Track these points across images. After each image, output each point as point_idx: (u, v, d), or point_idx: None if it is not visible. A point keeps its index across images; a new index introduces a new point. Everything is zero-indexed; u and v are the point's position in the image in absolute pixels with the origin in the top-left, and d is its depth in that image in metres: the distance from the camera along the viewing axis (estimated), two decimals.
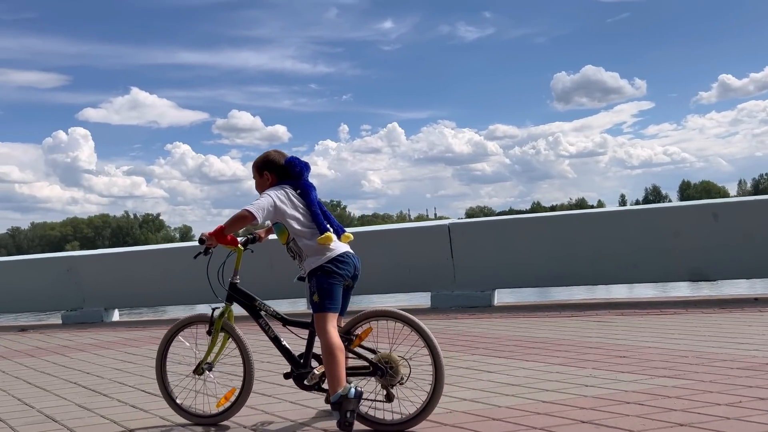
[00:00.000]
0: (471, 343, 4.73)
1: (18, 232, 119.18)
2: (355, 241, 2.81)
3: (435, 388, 2.65)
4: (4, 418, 3.32)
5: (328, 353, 2.68)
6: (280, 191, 2.82)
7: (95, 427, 3.06)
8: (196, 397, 3.07)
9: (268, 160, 2.93)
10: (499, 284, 7.15)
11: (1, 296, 9.43)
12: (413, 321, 2.71)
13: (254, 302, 2.94)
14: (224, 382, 3.16)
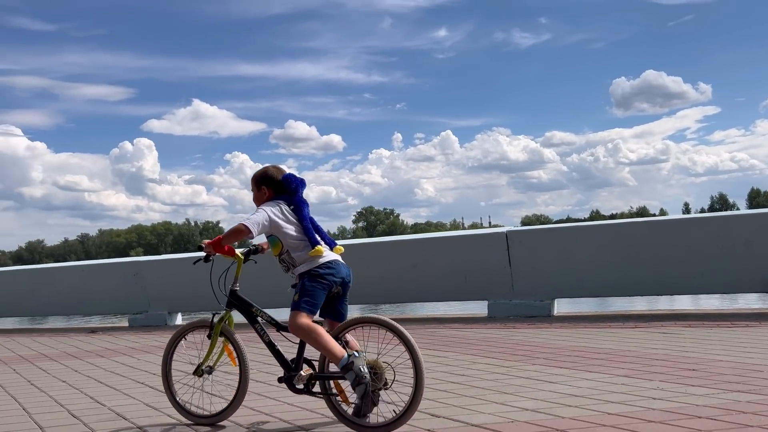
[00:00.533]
0: (531, 353, 4.65)
1: (87, 239, 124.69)
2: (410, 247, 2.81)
3: (415, 394, 2.74)
4: (78, 415, 3.47)
5: (309, 335, 2.82)
6: (275, 207, 2.99)
7: (163, 426, 3.16)
8: (196, 397, 3.22)
9: (267, 175, 3.10)
10: (559, 293, 7.00)
11: (73, 299, 9.89)
12: (396, 327, 2.82)
13: (251, 308, 3.08)
14: (227, 382, 3.26)
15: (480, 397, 3.34)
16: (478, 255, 7.27)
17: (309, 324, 2.85)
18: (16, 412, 3.63)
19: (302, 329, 2.84)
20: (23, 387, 4.42)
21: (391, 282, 7.75)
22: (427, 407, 3.18)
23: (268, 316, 3.04)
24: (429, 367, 4.25)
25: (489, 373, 3.97)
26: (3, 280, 10.86)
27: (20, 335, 8.53)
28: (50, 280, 10.20)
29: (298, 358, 2.94)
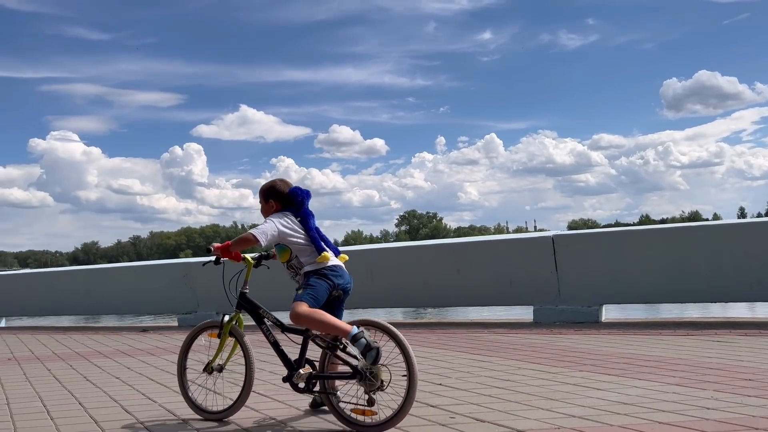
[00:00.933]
0: (578, 359, 4.57)
1: (138, 241, 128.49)
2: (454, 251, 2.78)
3: (408, 395, 2.82)
4: (130, 411, 3.58)
5: (311, 319, 2.95)
6: (283, 218, 3.15)
7: (209, 423, 3.23)
8: (207, 393, 3.34)
9: (274, 189, 3.24)
10: (607, 299, 6.85)
11: (125, 299, 10.21)
12: (392, 330, 2.90)
13: (259, 310, 3.23)
14: (235, 381, 3.35)
15: (526, 403, 3.30)
16: (524, 259, 7.18)
17: (309, 310, 2.97)
18: (72, 406, 3.77)
19: (303, 316, 2.96)
20: (79, 382, 4.59)
21: (435, 286, 7.73)
22: (471, 411, 3.17)
23: (275, 317, 3.18)
24: (473, 372, 4.23)
25: (534, 378, 3.92)
26: (61, 280, 11.30)
27: (76, 333, 8.86)
28: (104, 280, 10.56)
29: (300, 358, 3.05)
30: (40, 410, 3.67)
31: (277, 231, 3.08)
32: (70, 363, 5.68)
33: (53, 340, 7.90)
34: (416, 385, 2.84)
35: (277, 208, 3.21)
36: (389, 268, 8.04)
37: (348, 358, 2.94)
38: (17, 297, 11.30)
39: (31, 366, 5.58)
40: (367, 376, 2.85)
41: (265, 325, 3.20)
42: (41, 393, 4.21)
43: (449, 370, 4.31)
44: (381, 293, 8.14)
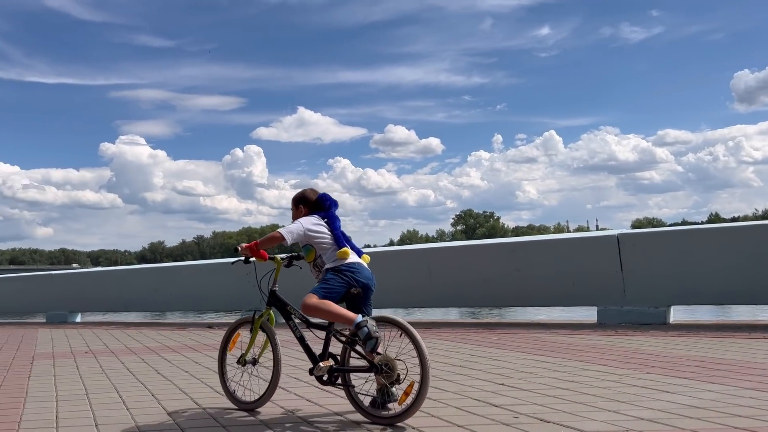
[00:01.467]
0: (645, 361, 4.43)
1: (202, 240, 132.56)
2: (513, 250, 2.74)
3: (421, 388, 2.91)
4: (200, 403, 3.71)
5: (319, 309, 3.11)
6: (312, 218, 3.35)
7: (278, 417, 3.31)
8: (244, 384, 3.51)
9: (304, 197, 3.48)
10: (675, 300, 6.63)
11: (191, 296, 10.56)
12: (406, 327, 3.00)
13: (287, 307, 3.40)
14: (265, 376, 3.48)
15: (591, 405, 3.23)
16: (587, 259, 7.02)
17: (317, 300, 3.13)
18: (145, 397, 3.94)
19: (311, 306, 3.13)
20: (151, 375, 4.79)
21: (494, 286, 7.66)
22: (535, 412, 3.13)
23: (301, 314, 3.31)
24: (536, 372, 4.17)
25: (600, 380, 3.83)
26: (132, 278, 11.80)
27: (146, 328, 9.23)
28: (172, 278, 10.96)
29: (323, 352, 3.20)
30: (117, 401, 3.85)
31: (303, 231, 3.27)
32: (141, 357, 5.93)
33: (125, 334, 8.26)
34: (429, 379, 2.93)
35: (305, 212, 3.42)
36: (447, 268, 8.02)
37: (365, 357, 3.04)
38: (91, 294, 11.87)
39: (106, 359, 5.86)
40: (383, 370, 2.96)
41: (292, 321, 3.38)
42: (116, 384, 4.41)
43: (511, 371, 4.27)
44: (439, 292, 8.12)
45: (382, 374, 2.97)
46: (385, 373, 2.96)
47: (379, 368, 2.97)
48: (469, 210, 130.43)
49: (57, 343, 7.60)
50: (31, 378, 4.84)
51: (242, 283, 9.62)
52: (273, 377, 3.38)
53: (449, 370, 4.41)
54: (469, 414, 3.15)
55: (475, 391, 3.65)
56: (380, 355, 3.00)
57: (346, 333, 3.13)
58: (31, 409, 3.64)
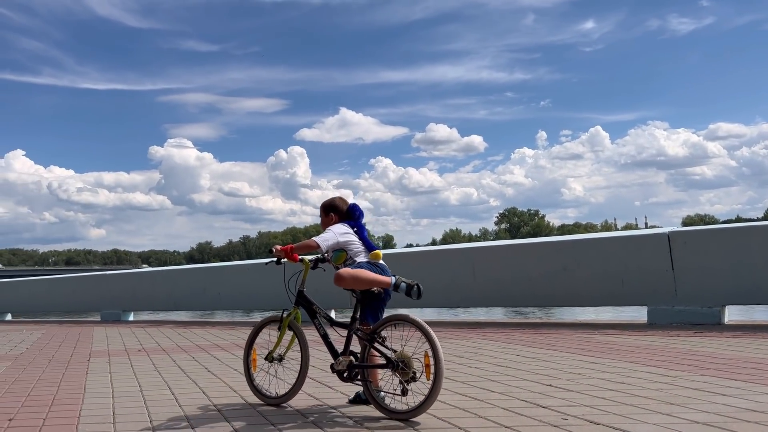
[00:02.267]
0: (698, 363, 4.31)
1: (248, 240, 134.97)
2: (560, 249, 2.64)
3: (434, 386, 3.00)
4: (249, 400, 3.78)
5: (354, 277, 3.27)
6: (343, 226, 3.52)
7: (323, 413, 3.35)
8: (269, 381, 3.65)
9: (334, 204, 3.66)
10: (730, 300, 6.41)
11: (238, 296, 10.77)
12: (421, 324, 3.09)
13: (313, 306, 3.57)
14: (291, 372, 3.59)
15: (643, 407, 3.16)
16: (637, 257, 6.85)
17: (350, 270, 3.30)
18: (196, 394, 4.04)
19: (344, 276, 3.28)
20: (202, 374, 4.90)
21: (540, 285, 7.55)
22: (584, 413, 3.08)
23: (326, 313, 3.52)
24: (584, 373, 4.10)
25: (651, 382, 3.74)
26: (182, 278, 12.10)
27: (195, 327, 9.46)
28: (220, 277, 11.19)
29: (345, 349, 3.33)
30: (169, 398, 3.96)
31: (336, 240, 3.44)
32: (192, 355, 6.08)
33: (176, 333, 8.48)
34: (441, 380, 3.00)
35: (335, 220, 3.58)
36: (492, 267, 7.95)
37: (384, 350, 3.17)
38: (143, 293, 12.23)
39: (158, 357, 6.03)
40: (400, 366, 3.06)
41: (317, 320, 3.54)
42: (169, 382, 4.54)
43: (559, 371, 4.21)
44: (483, 292, 8.06)
45: (399, 371, 3.08)
46: (402, 370, 3.07)
47: (396, 364, 3.08)
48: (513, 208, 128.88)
49: (111, 341, 7.86)
50: (89, 375, 5.02)
51: None
52: (301, 372, 3.51)
53: (495, 370, 4.38)
54: (516, 415, 3.12)
55: (522, 392, 3.62)
56: (397, 353, 3.13)
57: (366, 332, 3.27)
58: (90, 405, 3.79)
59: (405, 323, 3.17)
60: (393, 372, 3.12)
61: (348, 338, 3.35)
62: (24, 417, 3.51)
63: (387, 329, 3.23)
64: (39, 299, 14.71)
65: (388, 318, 3.24)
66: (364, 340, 3.27)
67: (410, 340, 3.14)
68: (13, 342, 8.28)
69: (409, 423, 3.04)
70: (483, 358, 4.95)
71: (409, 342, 3.14)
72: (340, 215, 3.61)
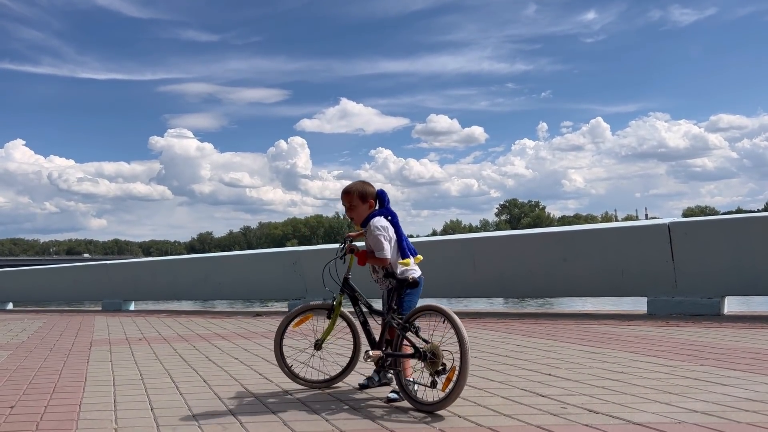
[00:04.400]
0: (698, 353, 4.32)
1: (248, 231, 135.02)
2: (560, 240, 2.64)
3: (459, 376, 2.96)
4: (250, 389, 3.80)
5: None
6: (385, 222, 3.44)
7: (325, 402, 3.37)
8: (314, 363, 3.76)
9: (369, 191, 3.53)
10: (730, 291, 6.42)
11: (240, 285, 10.79)
12: (449, 314, 3.08)
13: (356, 293, 3.59)
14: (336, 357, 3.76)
15: (642, 396, 3.17)
16: (637, 249, 6.86)
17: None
18: (198, 383, 4.06)
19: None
20: (203, 362, 4.92)
21: (540, 276, 7.56)
22: (583, 402, 3.09)
23: (366, 301, 3.57)
24: (584, 363, 4.11)
25: (651, 371, 3.75)
26: (182, 268, 12.12)
27: (196, 316, 9.49)
28: (220, 267, 11.21)
29: (381, 337, 3.39)
30: (170, 386, 3.98)
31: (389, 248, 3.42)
32: (193, 344, 6.10)
33: (177, 322, 8.51)
34: (467, 371, 2.98)
35: (373, 206, 3.51)
36: (492, 258, 7.96)
37: (415, 340, 3.16)
38: (144, 283, 12.26)
39: (159, 346, 6.05)
40: (429, 357, 3.06)
41: (359, 307, 3.57)
42: (170, 370, 4.56)
43: (558, 361, 4.22)
44: (483, 283, 8.07)
45: (428, 362, 3.05)
46: (431, 361, 3.04)
47: (424, 355, 3.06)
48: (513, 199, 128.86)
49: (113, 330, 7.89)
50: (90, 363, 5.04)
51: (288, 273, 9.78)
52: (352, 360, 3.69)
53: (495, 360, 4.39)
54: (516, 404, 3.14)
55: (522, 381, 3.63)
56: (429, 344, 3.09)
57: (401, 321, 3.24)
58: (91, 393, 3.80)
59: (436, 313, 3.14)
60: (422, 362, 3.09)
61: (383, 327, 3.37)
62: (25, 405, 3.53)
63: (420, 320, 3.22)
64: (40, 289, 14.75)
65: (420, 308, 3.23)
66: (397, 329, 3.25)
67: (439, 331, 3.10)
68: (14, 331, 8.31)
69: (433, 416, 2.99)
70: (483, 347, 4.96)
71: (438, 333, 3.11)
72: (377, 201, 3.52)
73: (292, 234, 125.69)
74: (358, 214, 3.51)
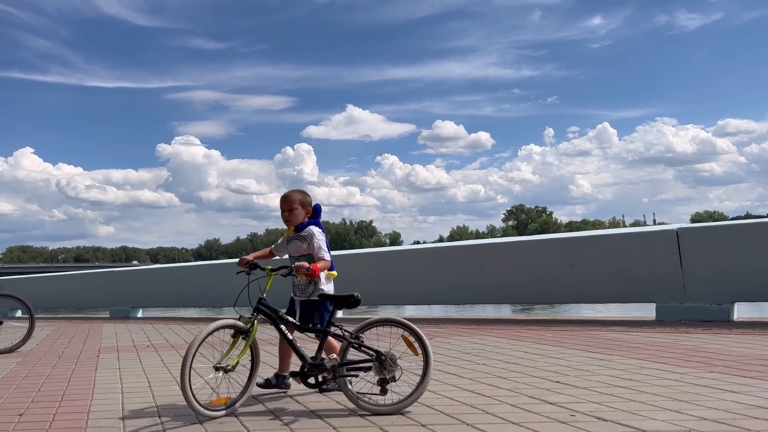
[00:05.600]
0: (707, 359, 4.29)
1: (255, 238, 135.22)
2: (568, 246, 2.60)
3: (421, 381, 3.15)
4: (257, 397, 3.80)
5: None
6: (320, 230, 3.63)
7: (331, 410, 3.36)
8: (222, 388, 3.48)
9: (309, 200, 3.73)
10: (740, 297, 6.38)
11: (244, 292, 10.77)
12: (411, 326, 3.20)
13: (279, 313, 3.51)
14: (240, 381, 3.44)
15: (651, 403, 3.15)
16: (645, 254, 6.83)
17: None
18: (204, 390, 4.05)
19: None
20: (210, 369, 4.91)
21: (548, 282, 7.53)
22: (592, 410, 3.07)
23: (290, 320, 3.51)
24: (592, 370, 4.09)
25: (660, 378, 3.73)
26: (189, 274, 12.15)
27: (203, 323, 9.48)
28: (228, 274, 11.19)
29: (318, 353, 3.35)
30: (177, 393, 3.97)
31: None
32: (200, 351, 6.09)
33: (184, 329, 8.52)
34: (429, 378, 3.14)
35: (308, 215, 3.68)
36: (499, 264, 7.94)
37: (367, 350, 3.24)
38: (151, 290, 12.29)
39: (167, 353, 6.06)
40: (386, 361, 3.15)
41: (281, 326, 3.48)
42: (177, 378, 4.55)
43: (566, 368, 4.20)
44: (490, 289, 8.05)
45: (386, 365, 3.15)
46: (388, 366, 3.15)
47: (384, 359, 3.16)
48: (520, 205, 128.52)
49: (120, 337, 7.90)
50: (98, 370, 5.05)
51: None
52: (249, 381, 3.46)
53: (503, 367, 4.37)
54: (524, 411, 3.12)
55: (530, 389, 3.61)
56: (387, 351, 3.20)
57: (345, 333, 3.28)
58: (99, 400, 3.81)
59: (393, 325, 3.24)
60: (377, 368, 3.17)
61: (321, 342, 3.37)
62: (34, 412, 3.54)
63: (371, 331, 3.28)
64: (49, 296, 14.82)
65: (375, 320, 3.29)
66: (344, 339, 3.29)
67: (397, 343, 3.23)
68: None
69: (411, 417, 3.03)
70: (490, 354, 4.94)
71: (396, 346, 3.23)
72: (313, 212, 3.73)
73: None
74: (295, 218, 3.66)
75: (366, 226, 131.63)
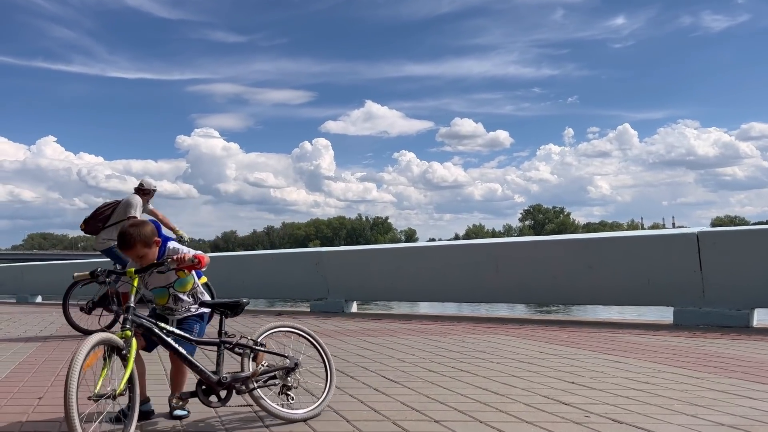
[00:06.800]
0: (725, 365, 4.24)
1: (272, 231, 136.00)
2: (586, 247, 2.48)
3: (328, 389, 3.21)
4: None
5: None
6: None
7: (345, 404, 3.38)
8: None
9: (148, 231, 3.03)
10: (760, 303, 6.29)
11: (262, 284, 10.86)
12: (309, 333, 3.30)
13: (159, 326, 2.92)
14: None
15: (667, 407, 3.12)
16: (664, 258, 6.75)
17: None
18: None
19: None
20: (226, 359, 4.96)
21: (564, 283, 7.49)
22: (607, 412, 3.05)
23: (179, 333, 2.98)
24: (608, 372, 4.06)
25: (676, 383, 3.69)
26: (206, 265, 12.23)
27: None
28: (244, 266, 11.30)
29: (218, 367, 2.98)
30: (193, 381, 4.02)
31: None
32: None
33: None
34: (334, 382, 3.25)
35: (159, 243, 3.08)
36: (515, 263, 7.90)
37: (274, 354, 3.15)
38: None
39: None
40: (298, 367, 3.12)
41: (167, 339, 2.91)
42: None
43: (582, 369, 4.18)
44: (506, 289, 8.02)
45: (295, 372, 3.10)
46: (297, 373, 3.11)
47: (296, 364, 3.11)
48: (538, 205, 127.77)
49: None
50: None
51: (310, 274, 9.82)
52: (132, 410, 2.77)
53: (517, 366, 4.36)
54: (538, 411, 3.11)
55: (545, 389, 3.60)
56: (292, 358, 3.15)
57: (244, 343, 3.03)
58: None
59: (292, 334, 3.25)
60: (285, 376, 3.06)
61: (219, 356, 3.00)
62: (53, 396, 3.60)
63: (270, 338, 3.17)
64: (68, 282, 15.01)
65: (272, 326, 3.20)
66: (247, 347, 3.02)
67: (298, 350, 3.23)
68: (43, 323, 8.49)
69: (424, 414, 3.02)
70: (505, 353, 4.93)
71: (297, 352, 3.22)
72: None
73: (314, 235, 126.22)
74: (152, 258, 3.02)
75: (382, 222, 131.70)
